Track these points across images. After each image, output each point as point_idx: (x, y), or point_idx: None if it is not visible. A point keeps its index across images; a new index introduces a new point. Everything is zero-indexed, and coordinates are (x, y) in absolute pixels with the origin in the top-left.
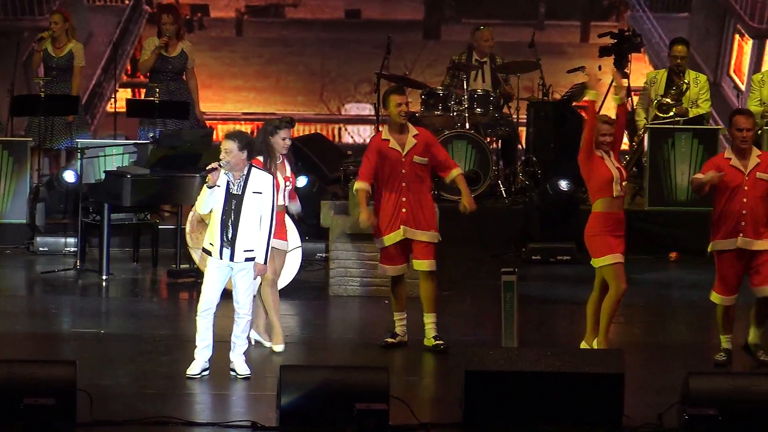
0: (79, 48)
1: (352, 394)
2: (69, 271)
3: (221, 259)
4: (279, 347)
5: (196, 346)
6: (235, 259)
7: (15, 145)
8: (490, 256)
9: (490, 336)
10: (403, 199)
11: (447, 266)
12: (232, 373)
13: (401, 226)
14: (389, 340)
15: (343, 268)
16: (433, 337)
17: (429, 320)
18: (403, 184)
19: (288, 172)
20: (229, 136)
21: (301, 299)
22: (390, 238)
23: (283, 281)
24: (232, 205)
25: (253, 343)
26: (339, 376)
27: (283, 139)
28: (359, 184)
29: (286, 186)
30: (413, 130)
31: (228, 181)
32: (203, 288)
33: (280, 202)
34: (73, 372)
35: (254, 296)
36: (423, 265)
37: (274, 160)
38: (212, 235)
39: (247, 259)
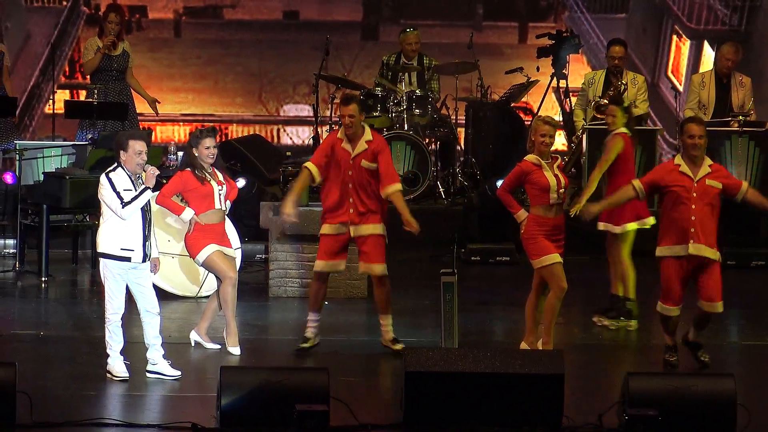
0: (3, 48)
1: (293, 395)
2: (8, 272)
3: (143, 261)
4: (235, 349)
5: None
6: (150, 258)
7: None
8: (429, 256)
9: (429, 337)
10: (350, 199)
11: (387, 266)
12: (159, 376)
13: (349, 227)
14: (303, 345)
15: (283, 269)
16: (392, 339)
17: (386, 321)
18: (350, 186)
19: (221, 177)
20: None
21: (241, 300)
22: (332, 228)
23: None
24: (147, 205)
25: (193, 344)
26: (279, 377)
27: (207, 148)
28: (308, 164)
29: (220, 191)
30: (369, 135)
31: (132, 183)
32: (119, 295)
33: (218, 206)
34: (12, 374)
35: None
36: (376, 269)
37: (201, 169)
38: (129, 240)
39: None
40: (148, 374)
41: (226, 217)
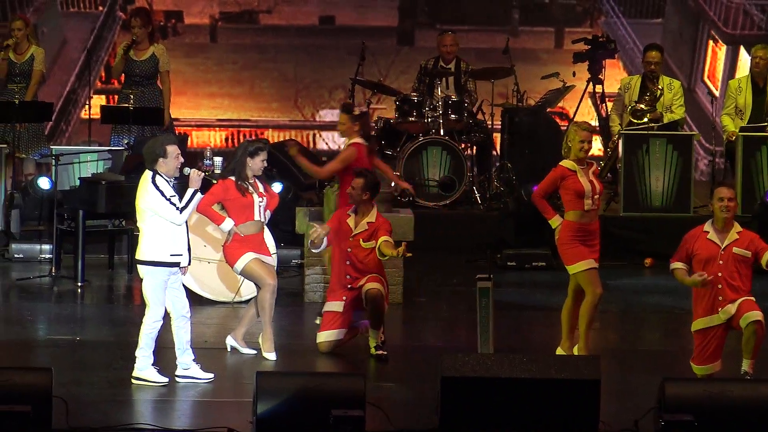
0: (40, 52)
1: (329, 401)
2: (44, 278)
3: (189, 264)
4: (271, 355)
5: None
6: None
7: None
8: (465, 262)
9: (465, 342)
10: (348, 276)
11: (423, 272)
12: (192, 380)
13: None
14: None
15: (318, 275)
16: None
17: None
18: (347, 263)
19: (261, 189)
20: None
21: (277, 305)
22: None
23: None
24: None
25: (229, 349)
26: (315, 383)
27: (263, 161)
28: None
29: (260, 202)
30: (372, 216)
31: (173, 188)
32: (162, 303)
33: (257, 218)
34: (48, 379)
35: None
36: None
37: (245, 180)
38: (177, 245)
39: None
40: (179, 379)
41: (265, 226)
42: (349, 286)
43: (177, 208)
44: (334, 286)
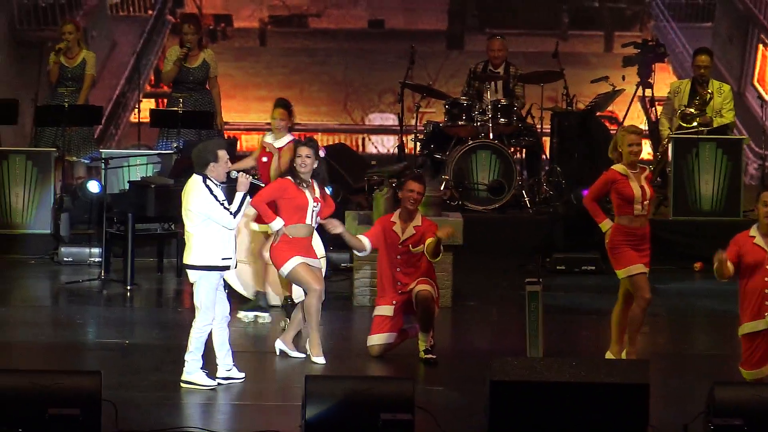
0: (91, 56)
1: (378, 405)
2: (93, 281)
3: (235, 267)
4: (320, 359)
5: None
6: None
7: (39, 155)
8: (514, 266)
9: (515, 346)
10: (399, 283)
11: (472, 276)
12: (231, 381)
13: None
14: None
15: (368, 278)
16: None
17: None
18: (397, 270)
19: (317, 193)
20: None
21: (326, 309)
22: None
23: None
24: None
25: (278, 353)
26: (364, 386)
27: (299, 156)
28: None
29: (314, 207)
30: (418, 220)
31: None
32: (213, 307)
33: (308, 222)
34: (97, 382)
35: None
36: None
37: (297, 179)
38: (227, 249)
39: None
40: (220, 380)
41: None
42: (399, 291)
43: (230, 213)
44: (384, 290)
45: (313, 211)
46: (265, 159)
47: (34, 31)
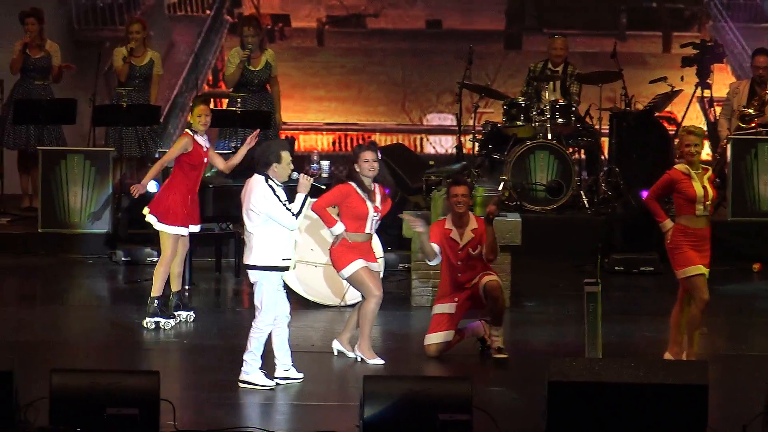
0: (157, 56)
1: (435, 405)
2: (151, 280)
3: (294, 268)
4: (375, 361)
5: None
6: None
7: (97, 155)
8: (572, 266)
9: (573, 347)
10: (460, 282)
11: (530, 277)
12: (290, 381)
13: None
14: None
15: (425, 279)
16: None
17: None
18: (459, 275)
19: (378, 201)
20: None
21: (384, 310)
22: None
23: None
24: None
25: (336, 353)
26: (422, 387)
27: (366, 161)
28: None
29: (374, 216)
30: (473, 222)
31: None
32: (274, 307)
33: (368, 231)
34: (156, 382)
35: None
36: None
37: (362, 185)
38: (287, 249)
39: None
40: (279, 380)
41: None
42: (463, 288)
43: (292, 214)
44: (445, 291)
45: (373, 220)
46: (206, 159)
47: (93, 30)
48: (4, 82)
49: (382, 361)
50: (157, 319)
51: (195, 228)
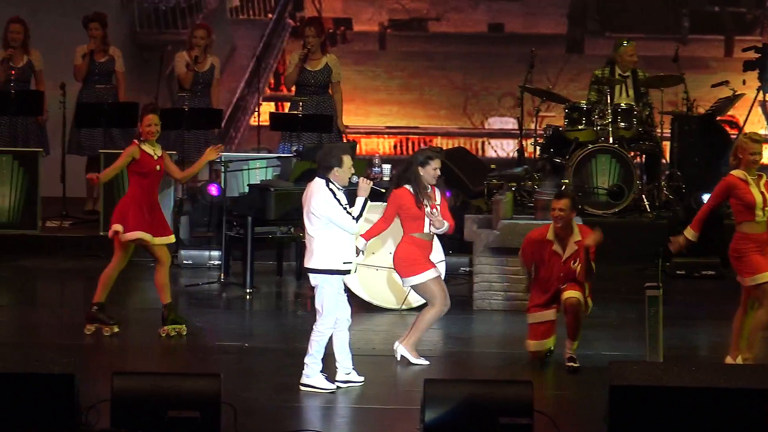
0: (217, 61)
1: (496, 408)
2: (213, 284)
3: (355, 272)
4: (419, 360)
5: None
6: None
7: None
8: (634, 270)
9: (634, 350)
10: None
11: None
12: (350, 385)
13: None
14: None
15: (487, 282)
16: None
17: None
18: (561, 285)
19: (438, 200)
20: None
21: (445, 313)
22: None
23: None
24: None
25: (398, 357)
26: (483, 390)
27: (435, 169)
28: None
29: (432, 212)
30: (577, 234)
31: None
32: (335, 311)
33: (426, 231)
34: (217, 385)
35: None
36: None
37: (423, 189)
38: (348, 252)
39: None
40: (339, 383)
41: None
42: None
43: (353, 217)
44: (541, 301)
45: (430, 219)
46: (158, 168)
47: (155, 34)
48: (66, 86)
49: (427, 362)
50: (97, 324)
51: (167, 240)
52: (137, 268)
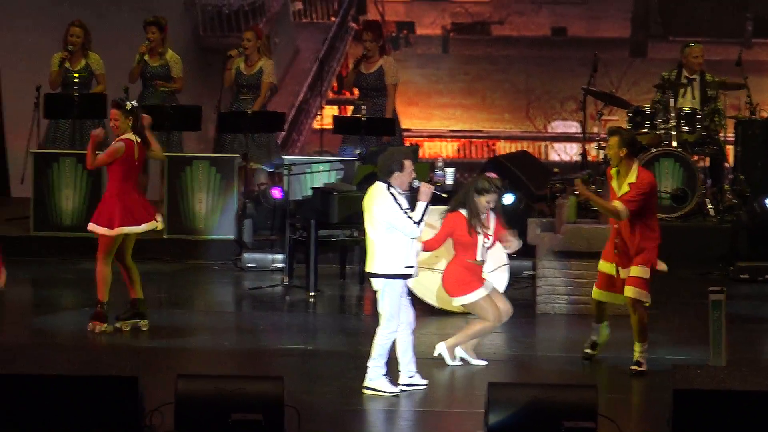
0: (269, 64)
1: (560, 412)
2: (276, 287)
3: (417, 276)
4: (456, 363)
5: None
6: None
7: (222, 161)
8: (697, 274)
9: (698, 355)
10: (616, 240)
11: (653, 284)
12: (413, 388)
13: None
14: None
15: (550, 286)
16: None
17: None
18: (615, 240)
19: (491, 229)
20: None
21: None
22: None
23: None
24: None
25: (459, 360)
26: (547, 394)
27: (487, 202)
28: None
29: (484, 243)
30: (633, 175)
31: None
32: (397, 314)
33: (479, 258)
34: (280, 388)
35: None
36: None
37: (476, 215)
38: (410, 257)
39: None
40: (403, 387)
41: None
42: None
43: (414, 222)
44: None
45: (483, 246)
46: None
47: (218, 37)
48: (129, 90)
49: (459, 363)
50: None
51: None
52: (201, 271)
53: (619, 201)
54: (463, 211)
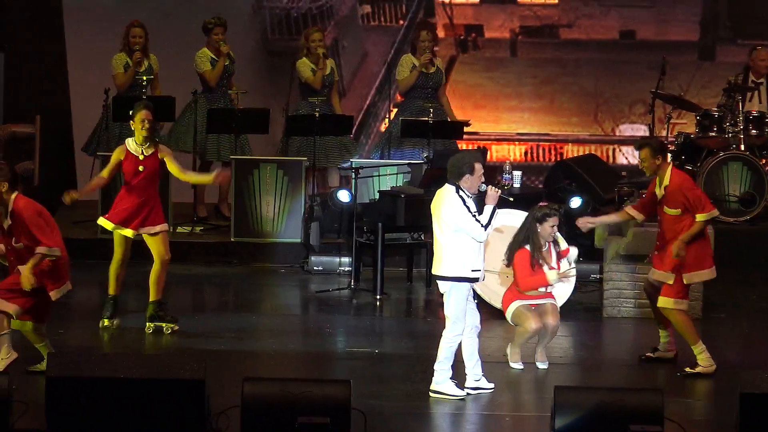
0: (332, 63)
1: (627, 416)
2: (343, 290)
3: (483, 279)
4: (517, 365)
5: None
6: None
7: (290, 164)
8: (765, 278)
9: (765, 359)
10: (657, 243)
11: (721, 288)
12: (479, 391)
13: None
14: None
15: (617, 290)
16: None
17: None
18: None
19: (554, 261)
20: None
21: (575, 320)
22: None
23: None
24: None
25: (521, 365)
26: (613, 398)
27: (552, 227)
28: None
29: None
30: (667, 178)
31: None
32: (464, 317)
33: (541, 290)
34: (347, 391)
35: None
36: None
37: (539, 248)
38: (477, 260)
39: None
40: (469, 390)
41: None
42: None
43: (481, 225)
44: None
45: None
46: (142, 168)
47: (286, 40)
48: (197, 92)
49: (520, 366)
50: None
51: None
52: (268, 274)
53: (699, 213)
54: (527, 247)
